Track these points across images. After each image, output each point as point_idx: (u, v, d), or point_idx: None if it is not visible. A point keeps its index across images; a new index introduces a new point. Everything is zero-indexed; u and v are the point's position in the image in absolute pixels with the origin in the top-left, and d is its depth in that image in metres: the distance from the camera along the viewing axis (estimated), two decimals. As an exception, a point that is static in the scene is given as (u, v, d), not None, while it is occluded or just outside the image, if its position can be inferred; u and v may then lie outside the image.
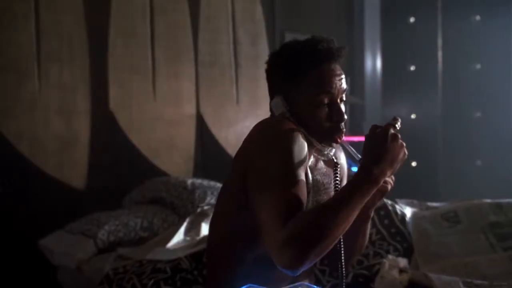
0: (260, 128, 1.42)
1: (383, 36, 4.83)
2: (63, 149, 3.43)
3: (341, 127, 1.42)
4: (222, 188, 1.59)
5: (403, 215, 2.33)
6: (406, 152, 1.31)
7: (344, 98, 1.46)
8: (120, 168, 3.63)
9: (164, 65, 3.80)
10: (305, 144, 1.37)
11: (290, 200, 1.25)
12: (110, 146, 3.62)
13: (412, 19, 4.76)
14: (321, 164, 1.53)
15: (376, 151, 1.26)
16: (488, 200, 2.36)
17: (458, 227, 2.27)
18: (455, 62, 4.70)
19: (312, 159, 1.49)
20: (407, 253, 2.19)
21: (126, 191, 3.49)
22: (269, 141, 1.35)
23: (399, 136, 1.29)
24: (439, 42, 4.72)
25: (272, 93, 1.50)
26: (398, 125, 1.30)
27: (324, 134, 1.43)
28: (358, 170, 1.27)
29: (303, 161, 1.33)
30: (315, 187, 1.47)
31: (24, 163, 3.29)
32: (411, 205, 2.48)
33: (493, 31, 4.56)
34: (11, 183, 3.21)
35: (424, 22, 4.74)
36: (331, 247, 1.23)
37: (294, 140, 1.34)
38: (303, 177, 1.32)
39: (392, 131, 1.28)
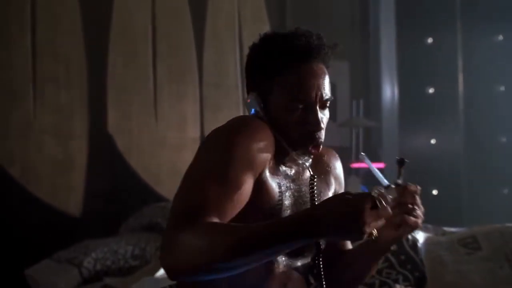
0: (223, 125, 1.23)
1: (400, 57, 4.65)
2: (58, 174, 3.30)
3: (316, 137, 1.22)
4: None
5: (415, 241, 2.09)
6: (365, 234, 1.00)
7: (327, 104, 1.26)
8: (118, 194, 3.47)
9: (166, 86, 3.66)
10: (268, 146, 1.18)
11: (205, 199, 1.06)
12: (108, 171, 3.48)
13: (430, 40, 4.57)
14: (307, 174, 1.31)
15: (345, 217, 0.99)
16: (512, 224, 2.11)
17: (478, 254, 2.04)
18: (477, 84, 4.48)
19: (294, 168, 1.28)
20: (419, 283, 1.99)
21: (125, 218, 3.31)
22: (221, 133, 1.18)
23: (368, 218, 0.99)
24: (460, 63, 4.51)
25: (248, 90, 1.31)
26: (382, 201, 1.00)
27: (297, 142, 1.23)
28: (304, 212, 1.06)
29: (252, 164, 1.13)
30: (299, 199, 1.27)
31: (15, 188, 3.16)
32: (424, 229, 2.24)
33: (517, 51, 4.35)
34: (0, 208, 3.06)
35: (443, 43, 4.55)
36: (232, 272, 1.04)
37: (251, 138, 1.15)
38: (243, 181, 1.11)
39: (367, 214, 0.99)
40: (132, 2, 3.58)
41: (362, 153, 1.26)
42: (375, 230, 1.01)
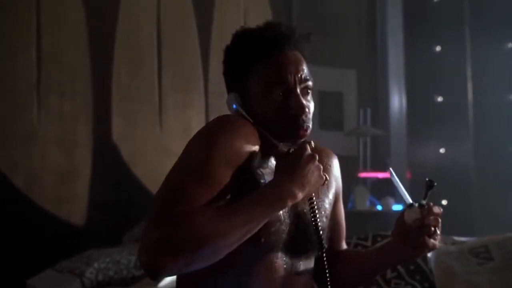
0: (204, 125, 1.22)
1: (408, 65, 4.59)
2: (61, 183, 3.26)
3: (301, 122, 1.19)
4: None
5: (424, 250, 2.01)
6: (325, 176, 1.14)
7: (309, 90, 1.23)
8: (123, 204, 3.43)
9: (171, 94, 3.62)
10: (251, 142, 1.16)
11: (184, 195, 1.06)
12: (113, 181, 3.44)
13: (438, 48, 4.51)
14: None
15: (290, 168, 1.11)
16: (525, 233, 2.04)
17: (490, 264, 1.97)
18: (487, 93, 4.41)
19: None
20: (429, 294, 1.89)
21: (129, 228, 3.27)
22: (202, 132, 1.17)
23: (316, 157, 1.13)
24: (469, 71, 4.44)
25: (228, 91, 1.29)
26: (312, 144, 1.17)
27: (282, 131, 1.20)
28: (269, 182, 1.14)
29: (233, 161, 1.12)
30: None
31: (19, 197, 3.12)
32: (434, 239, 2.16)
33: (528, 59, 4.28)
34: (4, 218, 3.03)
35: (451, 51, 4.48)
36: (215, 257, 1.06)
37: (231, 135, 1.13)
38: (223, 177, 1.11)
39: (308, 150, 1.13)
40: (137, 11, 3.56)
41: (390, 168, 1.24)
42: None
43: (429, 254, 2.02)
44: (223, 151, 1.10)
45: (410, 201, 1.18)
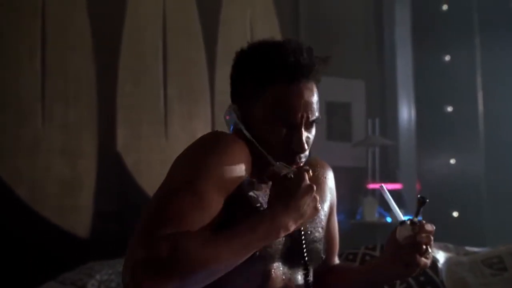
0: (193, 142, 1.18)
1: (417, 75, 4.54)
2: (65, 194, 3.22)
3: (297, 159, 1.17)
4: None
5: (435, 261, 1.97)
6: (318, 208, 1.10)
7: (313, 125, 1.20)
8: (128, 214, 3.37)
9: (177, 105, 3.58)
10: (242, 162, 1.12)
11: (173, 215, 1.00)
12: (117, 191, 3.40)
13: (447, 57, 4.47)
14: None
15: (286, 197, 1.07)
16: (540, 243, 1.97)
17: (505, 275, 1.91)
18: (497, 102, 4.35)
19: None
20: (440, 306, 1.82)
21: (134, 240, 3.21)
22: (191, 149, 1.13)
23: (314, 188, 1.09)
24: (479, 81, 4.39)
25: (232, 100, 1.26)
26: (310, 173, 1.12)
27: (277, 157, 1.16)
28: (264, 210, 1.10)
29: (222, 180, 1.08)
30: None
31: (22, 208, 3.08)
32: (445, 249, 2.11)
33: (539, 68, 4.23)
34: (6, 228, 2.99)
35: (461, 60, 4.44)
36: (207, 281, 1.00)
37: (221, 154, 1.09)
38: (212, 196, 1.06)
39: (307, 181, 1.09)
40: (142, 20, 3.54)
41: (382, 185, 1.21)
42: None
43: (440, 265, 1.96)
44: (213, 170, 1.07)
45: (402, 218, 1.16)
